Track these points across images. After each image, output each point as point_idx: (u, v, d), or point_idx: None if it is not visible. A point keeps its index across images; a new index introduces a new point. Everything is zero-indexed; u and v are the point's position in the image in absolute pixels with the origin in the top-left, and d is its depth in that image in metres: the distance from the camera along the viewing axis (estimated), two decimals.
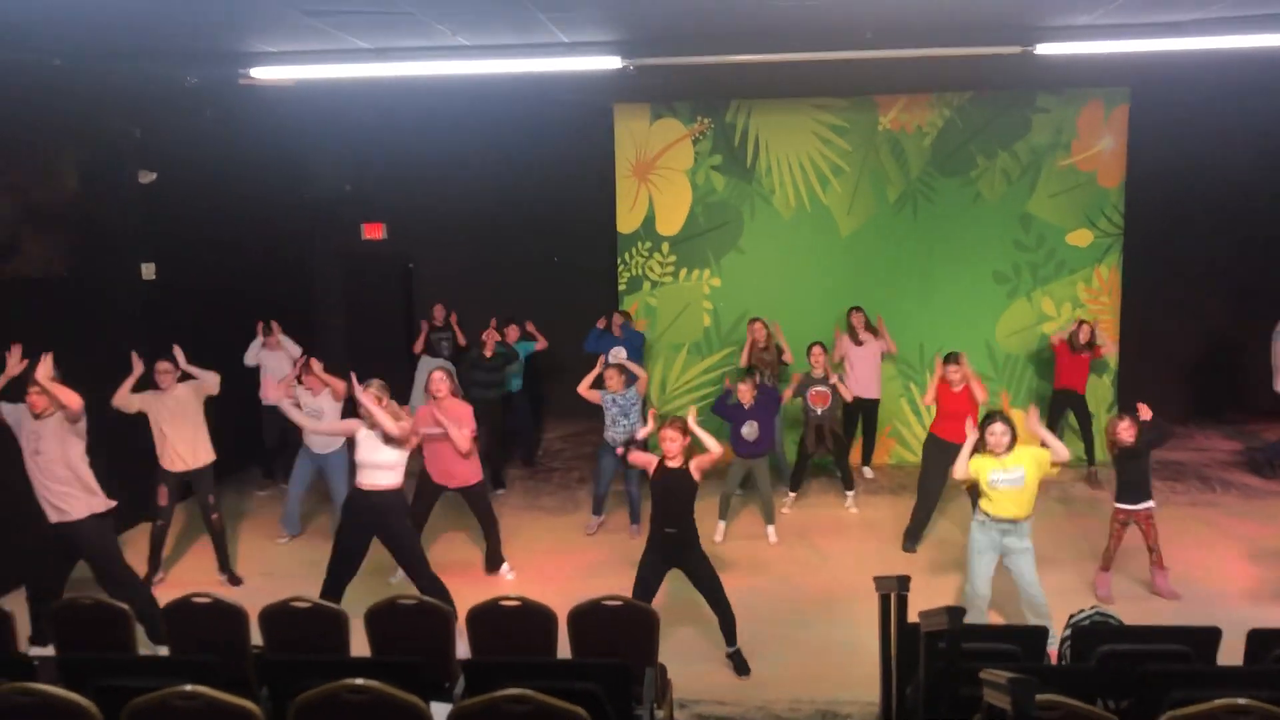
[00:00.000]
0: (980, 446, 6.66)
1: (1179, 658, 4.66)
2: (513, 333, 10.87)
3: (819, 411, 9.52)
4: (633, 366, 9.14)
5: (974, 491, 7.04)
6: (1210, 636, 4.84)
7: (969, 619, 6.48)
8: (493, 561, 8.31)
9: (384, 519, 6.78)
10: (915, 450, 11.20)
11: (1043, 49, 7.63)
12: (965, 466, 6.68)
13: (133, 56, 7.79)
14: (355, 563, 6.84)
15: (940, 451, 8.23)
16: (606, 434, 8.96)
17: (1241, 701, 3.58)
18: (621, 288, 11.46)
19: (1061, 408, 10.36)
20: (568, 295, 12.60)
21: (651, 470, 6.60)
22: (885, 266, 11.13)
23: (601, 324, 10.67)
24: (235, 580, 8.20)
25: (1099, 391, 11.01)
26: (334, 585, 6.72)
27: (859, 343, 10.42)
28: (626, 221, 11.37)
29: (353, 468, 8.84)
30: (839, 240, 11.18)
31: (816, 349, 9.60)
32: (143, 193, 9.59)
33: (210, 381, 8.16)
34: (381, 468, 6.74)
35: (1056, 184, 10.91)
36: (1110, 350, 10.23)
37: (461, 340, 11.47)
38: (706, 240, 11.30)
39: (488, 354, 10.14)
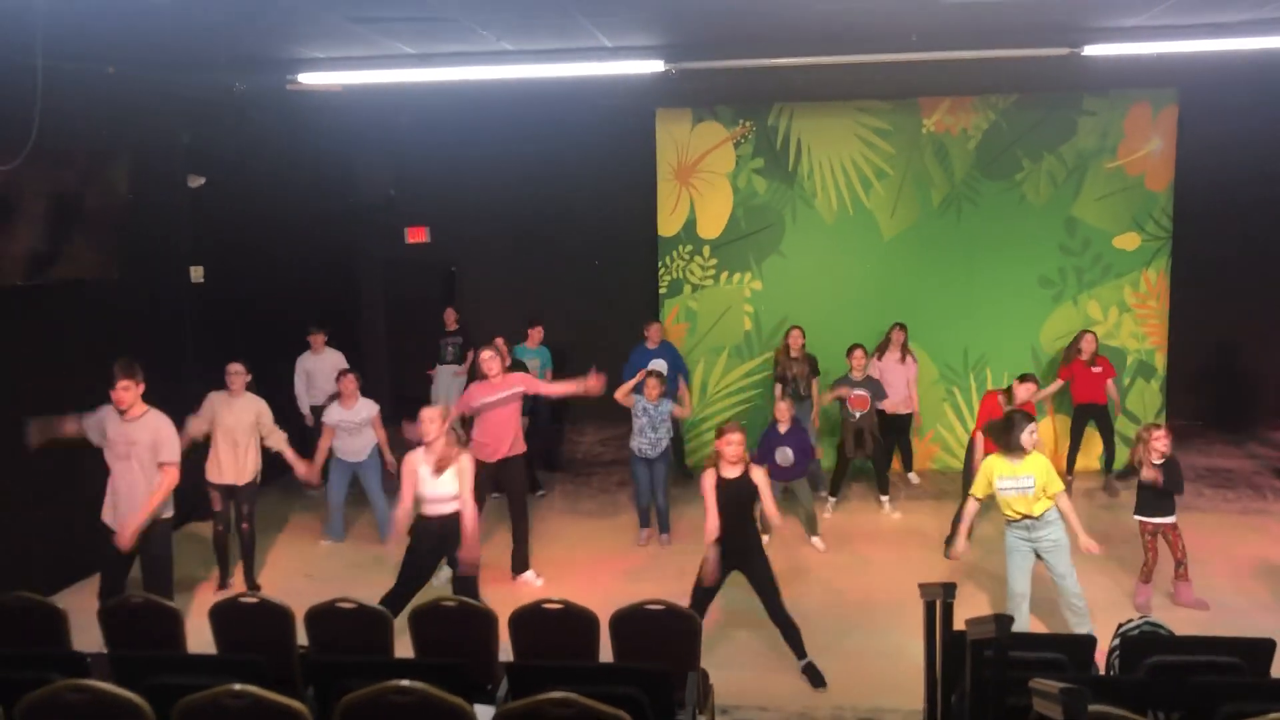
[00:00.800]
0: (1006, 446, 6.59)
1: (1231, 670, 4.58)
2: (537, 334, 10.88)
3: (858, 415, 9.46)
4: (684, 400, 8.98)
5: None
6: (1263, 648, 4.75)
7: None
8: (518, 564, 8.27)
9: (450, 541, 6.80)
10: (958, 455, 11.09)
11: (1090, 50, 7.54)
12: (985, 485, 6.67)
13: (183, 64, 7.92)
14: (424, 581, 6.89)
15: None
16: (632, 443, 8.92)
17: None
18: (662, 291, 11.47)
19: (1083, 422, 10.23)
20: (609, 298, 12.64)
21: (710, 484, 6.52)
22: (928, 270, 11.05)
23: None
24: (254, 587, 8.12)
25: (1147, 397, 10.86)
26: (399, 598, 6.61)
27: (903, 360, 10.34)
28: (668, 225, 11.37)
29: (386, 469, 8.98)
30: (881, 244, 11.11)
31: (858, 351, 9.54)
32: (192, 197, 9.73)
33: (275, 437, 8.15)
34: (444, 500, 6.74)
35: (1103, 187, 10.77)
36: (1111, 373, 10.10)
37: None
38: (748, 244, 11.28)
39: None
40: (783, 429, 8.72)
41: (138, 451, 6.47)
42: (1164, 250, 10.81)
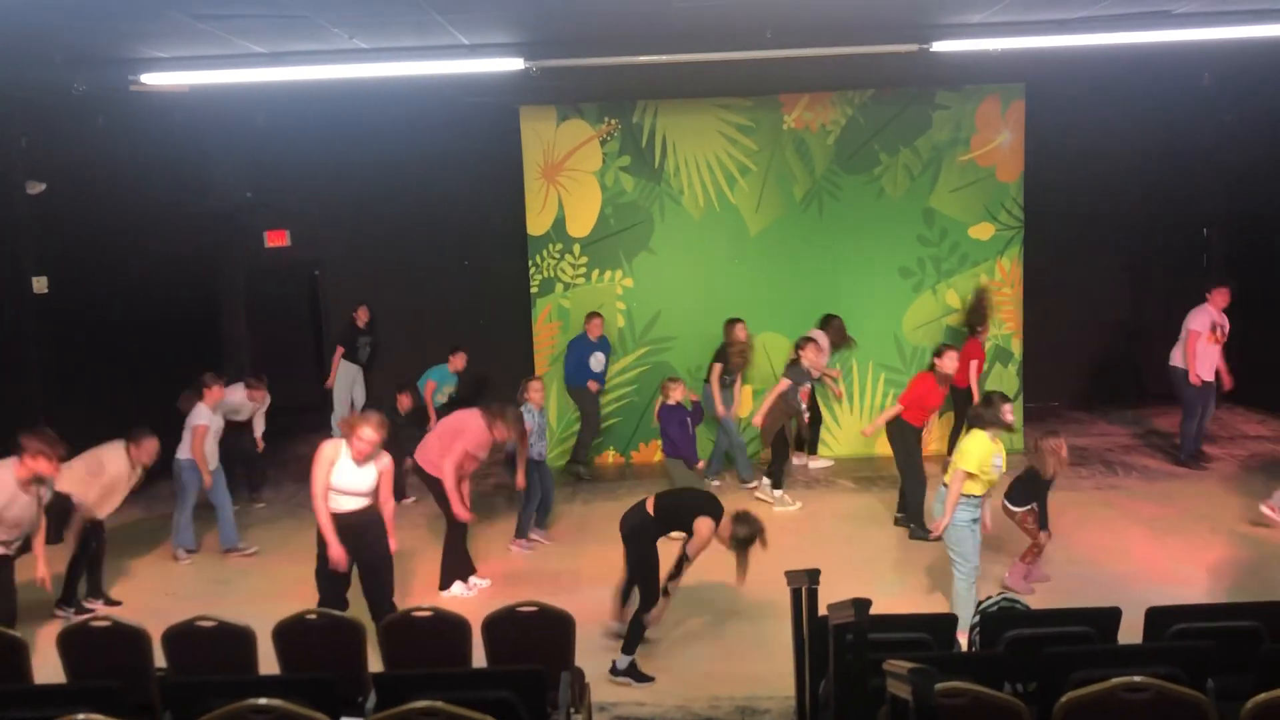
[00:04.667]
0: (996, 426, 6.81)
1: (1082, 639, 4.78)
2: (459, 360, 10.85)
3: (803, 406, 9.69)
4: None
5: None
6: (1111, 616, 4.99)
7: (972, 599, 6.63)
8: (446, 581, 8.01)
9: (364, 538, 6.53)
10: (829, 446, 11.36)
11: (938, 46, 7.78)
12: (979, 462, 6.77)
13: (14, 62, 7.52)
14: (346, 583, 6.61)
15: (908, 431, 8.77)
16: (532, 450, 8.68)
17: (1137, 679, 3.69)
18: (534, 290, 11.41)
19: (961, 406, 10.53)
20: (479, 299, 12.54)
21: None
22: (794, 264, 11.25)
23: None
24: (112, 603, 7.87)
25: (1004, 380, 11.26)
26: (332, 600, 6.48)
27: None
28: (536, 224, 11.31)
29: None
30: (748, 239, 11.27)
31: (811, 346, 9.70)
32: (32, 204, 9.26)
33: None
34: (357, 494, 6.48)
35: (957, 179, 11.14)
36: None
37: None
38: (618, 241, 11.30)
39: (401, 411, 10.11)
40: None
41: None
42: (1016, 239, 11.22)
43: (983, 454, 6.72)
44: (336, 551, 6.42)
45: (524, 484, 8.62)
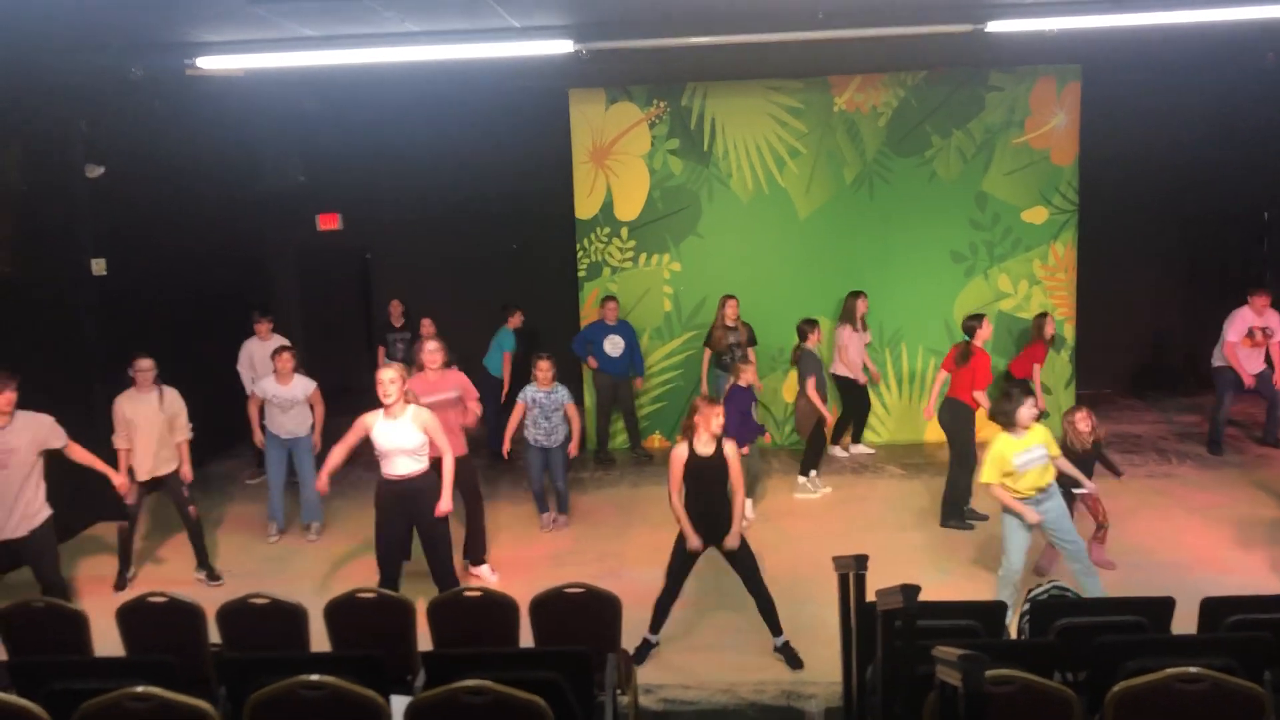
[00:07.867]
0: (1006, 421, 6.55)
1: (1134, 628, 4.73)
2: (516, 319, 10.93)
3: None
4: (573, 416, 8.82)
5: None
6: (1164, 606, 4.92)
7: (1005, 595, 6.47)
8: (473, 551, 8.01)
9: (418, 505, 6.58)
10: (877, 430, 11.28)
11: (993, 26, 7.65)
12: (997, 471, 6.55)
13: (75, 48, 7.65)
14: (402, 551, 6.73)
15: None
16: (526, 433, 8.75)
17: (1192, 670, 3.64)
18: (581, 274, 11.43)
19: None
20: (527, 282, 12.57)
21: (680, 459, 6.38)
22: (844, 248, 11.16)
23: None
24: (215, 577, 7.96)
25: (1057, 367, 11.11)
26: (388, 578, 6.58)
27: (858, 329, 10.53)
28: (585, 207, 11.32)
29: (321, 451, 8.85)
30: (797, 222, 11.19)
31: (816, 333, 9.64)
32: (91, 187, 9.41)
33: (183, 433, 7.90)
34: (404, 452, 6.49)
35: (1011, 162, 10.97)
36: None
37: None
38: (665, 225, 11.28)
39: None
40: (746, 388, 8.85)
41: (18, 457, 6.44)
42: (1070, 223, 11.05)
43: (1000, 459, 6.49)
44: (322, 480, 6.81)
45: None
